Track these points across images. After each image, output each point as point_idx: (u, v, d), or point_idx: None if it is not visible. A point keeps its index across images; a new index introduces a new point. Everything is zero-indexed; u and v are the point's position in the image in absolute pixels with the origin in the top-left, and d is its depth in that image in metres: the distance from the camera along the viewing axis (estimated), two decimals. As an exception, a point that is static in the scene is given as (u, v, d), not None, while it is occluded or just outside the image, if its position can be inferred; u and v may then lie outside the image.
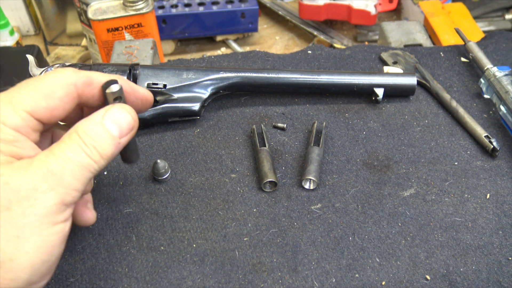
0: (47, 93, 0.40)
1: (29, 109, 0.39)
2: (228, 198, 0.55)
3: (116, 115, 0.42)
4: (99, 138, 0.40)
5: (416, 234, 0.52)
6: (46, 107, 0.40)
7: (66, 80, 0.41)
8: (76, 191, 0.39)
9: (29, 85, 0.40)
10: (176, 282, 0.47)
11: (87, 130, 0.40)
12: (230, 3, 1.09)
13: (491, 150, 0.60)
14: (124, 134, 0.42)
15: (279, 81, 0.65)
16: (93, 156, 0.40)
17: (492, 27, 1.06)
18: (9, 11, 1.13)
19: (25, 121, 0.39)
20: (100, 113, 0.41)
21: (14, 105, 0.39)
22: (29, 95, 0.40)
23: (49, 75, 0.41)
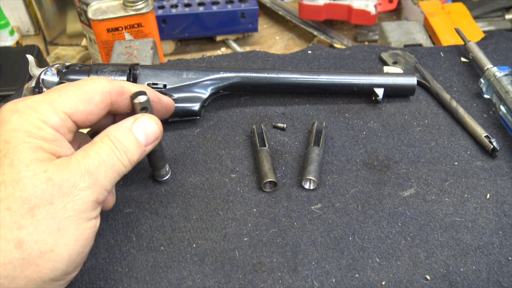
0: (85, 98, 0.44)
1: (68, 111, 0.42)
2: (228, 198, 0.55)
3: (144, 124, 0.46)
4: (128, 144, 0.44)
5: (416, 234, 0.52)
6: (83, 111, 0.43)
7: (102, 88, 0.45)
8: (106, 191, 0.42)
9: (69, 89, 0.44)
10: (176, 282, 0.47)
11: (118, 136, 0.44)
12: (230, 3, 1.09)
13: (491, 150, 0.60)
14: (150, 143, 0.46)
15: (279, 81, 0.65)
16: (123, 160, 0.43)
17: (492, 27, 1.06)
18: (9, 11, 1.13)
19: (64, 122, 0.42)
20: (129, 120, 0.45)
21: (55, 106, 0.42)
22: (69, 98, 0.43)
23: (87, 82, 0.45)
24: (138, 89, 0.48)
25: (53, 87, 0.59)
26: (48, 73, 0.60)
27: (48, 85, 0.59)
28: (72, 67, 0.60)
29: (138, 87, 0.48)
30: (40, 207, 0.38)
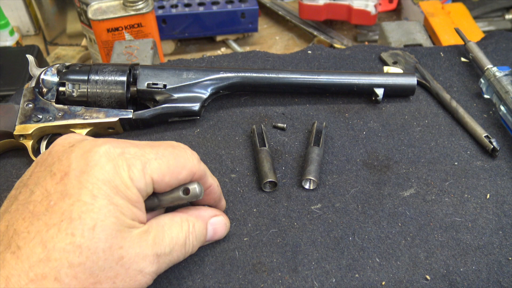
0: (175, 171, 0.42)
1: (156, 178, 0.40)
2: (228, 198, 0.55)
3: (219, 224, 0.48)
4: (199, 237, 0.45)
5: (416, 234, 0.52)
6: (167, 182, 0.41)
7: (191, 167, 0.43)
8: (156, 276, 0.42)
9: (165, 156, 0.41)
10: (176, 282, 0.47)
11: (196, 226, 0.44)
12: (230, 3, 1.09)
13: (491, 150, 0.60)
14: (211, 240, 0.48)
15: (279, 81, 0.65)
16: (187, 253, 0.44)
17: (492, 27, 1.06)
18: (9, 11, 1.13)
19: (147, 186, 0.40)
20: (209, 214, 0.47)
21: (145, 167, 0.40)
22: (161, 166, 0.41)
23: (182, 154, 0.43)
24: (214, 182, 0.47)
25: (53, 87, 0.59)
26: (48, 73, 0.60)
27: (48, 85, 0.59)
28: (72, 67, 0.60)
29: (215, 180, 0.48)
30: (102, 283, 0.37)
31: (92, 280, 0.36)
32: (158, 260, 0.40)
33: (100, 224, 0.36)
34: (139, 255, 0.38)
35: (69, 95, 0.59)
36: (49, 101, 0.59)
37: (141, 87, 0.61)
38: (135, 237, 0.39)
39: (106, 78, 0.59)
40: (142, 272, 0.39)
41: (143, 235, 0.39)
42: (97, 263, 0.36)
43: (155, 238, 0.40)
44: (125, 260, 0.37)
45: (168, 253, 0.41)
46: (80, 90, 0.59)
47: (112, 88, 0.59)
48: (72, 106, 0.59)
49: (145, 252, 0.39)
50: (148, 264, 0.39)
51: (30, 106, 0.59)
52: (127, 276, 0.38)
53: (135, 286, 0.39)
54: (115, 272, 0.37)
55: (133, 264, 0.38)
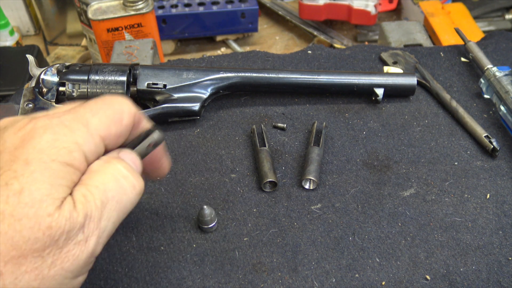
0: (117, 119, 0.38)
1: (103, 133, 0.37)
2: (228, 198, 0.55)
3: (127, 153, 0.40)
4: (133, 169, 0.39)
5: (416, 234, 0.52)
6: (115, 134, 0.38)
7: (129, 110, 0.40)
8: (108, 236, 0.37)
9: (100, 108, 0.38)
10: (176, 282, 0.47)
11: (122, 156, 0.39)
12: (230, 3, 1.09)
13: (491, 150, 0.60)
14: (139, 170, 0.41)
15: (279, 81, 0.65)
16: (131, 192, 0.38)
17: (492, 27, 1.06)
18: (9, 11, 1.13)
19: (97, 146, 0.37)
20: (115, 151, 0.40)
21: (90, 129, 0.37)
22: (101, 118, 0.37)
23: (116, 100, 0.39)
24: (151, 124, 0.43)
25: (53, 87, 0.59)
26: (48, 73, 0.60)
27: (48, 85, 0.59)
28: (72, 67, 0.60)
29: (151, 123, 0.43)
30: (27, 258, 0.32)
31: (15, 253, 0.32)
32: (92, 220, 0.35)
33: (28, 188, 0.33)
34: (68, 224, 0.34)
35: (69, 95, 0.59)
36: (49, 101, 0.59)
37: (141, 87, 0.61)
38: (67, 207, 0.34)
39: (106, 78, 0.59)
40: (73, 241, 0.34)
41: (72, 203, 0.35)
42: (20, 232, 0.32)
43: (82, 201, 0.35)
44: (53, 231, 0.33)
45: (100, 205, 0.35)
46: (80, 90, 0.59)
47: (112, 88, 0.59)
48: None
49: (75, 219, 0.34)
50: (78, 232, 0.34)
51: (30, 106, 0.59)
52: (56, 248, 0.33)
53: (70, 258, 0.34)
54: (41, 244, 0.32)
55: (62, 235, 0.33)
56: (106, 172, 0.37)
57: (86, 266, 0.36)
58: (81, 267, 0.35)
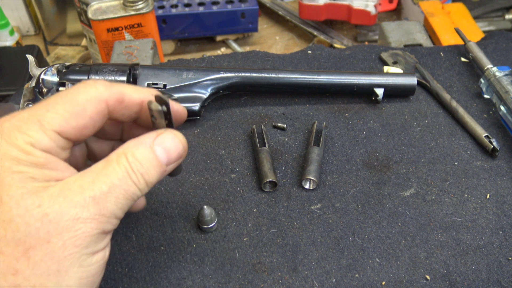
0: (77, 111, 0.38)
1: (58, 128, 0.37)
2: (228, 198, 0.55)
3: (168, 142, 0.40)
4: (147, 165, 0.38)
5: (416, 234, 0.52)
6: (75, 126, 0.38)
7: (97, 96, 0.39)
8: (117, 218, 0.38)
9: (57, 102, 0.38)
10: (176, 282, 0.47)
11: (137, 155, 0.38)
12: (230, 3, 1.09)
13: (491, 150, 0.60)
14: (171, 162, 0.41)
15: (279, 81, 0.65)
16: (139, 184, 0.38)
17: (492, 27, 1.06)
18: (9, 11, 1.13)
19: (54, 141, 0.37)
20: (151, 137, 0.39)
21: (42, 125, 0.37)
22: (58, 113, 0.37)
23: (79, 90, 0.39)
24: (144, 94, 0.42)
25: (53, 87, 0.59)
26: (48, 73, 0.60)
27: (48, 85, 0.59)
28: (72, 67, 0.60)
29: (142, 90, 0.42)
30: (36, 247, 0.34)
31: (21, 248, 0.33)
32: (96, 201, 0.36)
33: (5, 194, 0.34)
34: (65, 205, 0.35)
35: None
36: (49, 101, 0.59)
37: (141, 87, 0.61)
38: (54, 191, 0.35)
39: (106, 78, 0.59)
40: (79, 219, 0.35)
41: (64, 186, 0.36)
42: (18, 230, 0.33)
43: (83, 184, 0.36)
44: (51, 216, 0.34)
45: (107, 190, 0.36)
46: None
47: (112, 88, 0.59)
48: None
49: (72, 199, 0.35)
50: (81, 209, 0.35)
51: (30, 106, 0.59)
52: (62, 229, 0.34)
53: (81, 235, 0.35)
54: (45, 231, 0.34)
55: (62, 216, 0.34)
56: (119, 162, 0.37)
57: (101, 242, 0.37)
58: (95, 243, 0.36)
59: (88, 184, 0.36)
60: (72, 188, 0.36)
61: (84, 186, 0.36)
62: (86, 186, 0.36)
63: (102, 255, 0.37)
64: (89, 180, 0.36)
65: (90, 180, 0.36)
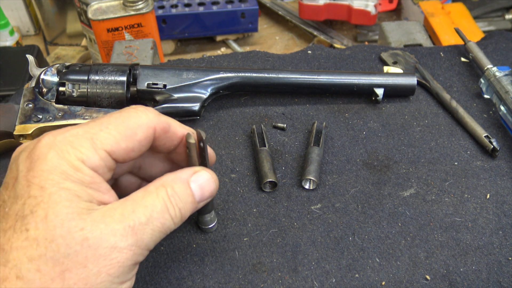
0: (128, 134, 0.40)
1: (109, 148, 0.38)
2: (228, 198, 0.55)
3: (202, 179, 0.42)
4: (185, 199, 0.40)
5: (416, 234, 0.52)
6: (125, 148, 0.39)
7: (147, 123, 0.41)
8: (148, 251, 0.38)
9: (111, 123, 0.39)
10: (176, 282, 0.47)
11: (176, 189, 0.39)
12: (230, 3, 1.09)
13: (491, 150, 0.60)
14: (203, 200, 0.42)
15: (279, 81, 0.65)
16: (175, 218, 0.39)
17: (492, 27, 1.06)
18: (9, 11, 1.13)
19: (104, 160, 0.38)
20: (188, 172, 0.41)
21: (95, 143, 0.38)
22: (110, 134, 0.39)
23: (131, 115, 0.41)
24: (187, 130, 0.44)
25: (53, 87, 0.59)
26: (48, 73, 0.60)
27: (48, 85, 0.59)
28: (72, 67, 0.60)
29: (186, 127, 0.45)
30: (72, 270, 0.34)
31: (58, 268, 0.34)
32: (134, 232, 0.36)
33: (51, 212, 0.35)
34: (105, 232, 0.35)
35: (69, 95, 0.59)
36: (49, 101, 0.59)
37: (141, 87, 0.61)
38: (97, 216, 0.36)
39: (106, 78, 0.59)
40: (116, 248, 0.35)
41: (106, 212, 0.37)
42: (58, 250, 0.34)
43: (124, 212, 0.37)
44: (91, 241, 0.35)
45: (145, 222, 0.37)
46: (80, 90, 0.59)
47: (112, 88, 0.59)
48: (72, 106, 0.59)
49: (113, 227, 0.36)
50: (120, 238, 0.36)
51: (30, 106, 0.59)
52: (99, 256, 0.35)
53: (115, 264, 0.36)
54: (83, 255, 0.35)
55: (101, 242, 0.35)
56: (158, 195, 0.39)
57: (131, 272, 0.37)
58: (126, 273, 0.37)
59: (129, 213, 0.37)
60: (113, 216, 0.36)
61: (124, 215, 0.37)
62: (126, 215, 0.37)
63: (129, 284, 0.38)
64: (130, 209, 0.37)
65: (130, 209, 0.37)
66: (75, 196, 0.36)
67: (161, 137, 0.43)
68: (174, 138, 0.44)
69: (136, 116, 0.41)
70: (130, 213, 0.37)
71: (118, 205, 0.37)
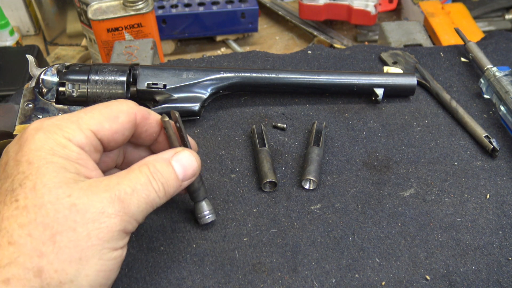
0: (111, 116, 0.43)
1: (94, 128, 0.41)
2: (228, 198, 0.55)
3: (185, 159, 0.44)
4: (167, 176, 0.42)
5: (416, 234, 0.52)
6: (109, 129, 0.42)
7: (128, 109, 0.44)
8: (136, 221, 0.40)
9: (94, 108, 0.43)
10: (176, 282, 0.47)
11: (157, 166, 0.42)
12: (230, 3, 1.09)
13: (491, 150, 0.60)
14: (187, 178, 0.45)
15: (279, 81, 0.65)
16: (159, 192, 0.42)
17: (492, 27, 1.06)
18: (9, 11, 1.13)
19: (89, 139, 0.41)
20: (169, 153, 0.44)
21: (79, 124, 0.41)
22: (94, 116, 0.42)
23: (113, 102, 0.44)
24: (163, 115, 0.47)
25: (53, 87, 0.59)
26: (48, 73, 0.60)
27: (48, 85, 0.59)
28: (72, 67, 0.60)
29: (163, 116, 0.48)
30: (62, 234, 0.36)
31: (49, 232, 0.36)
32: (120, 200, 0.38)
33: (39, 182, 0.37)
34: (92, 199, 0.37)
35: (69, 95, 0.59)
36: (49, 101, 0.59)
37: (141, 87, 0.61)
38: (83, 185, 0.38)
39: (106, 78, 0.59)
40: (104, 213, 0.37)
41: (93, 183, 0.39)
42: (48, 215, 0.36)
43: (109, 183, 0.39)
44: (78, 207, 0.37)
45: (130, 192, 0.39)
46: (80, 90, 0.59)
47: (112, 88, 0.59)
48: (72, 106, 0.59)
49: (99, 195, 0.38)
50: (107, 204, 0.38)
51: (30, 106, 0.59)
52: (88, 220, 0.37)
53: (104, 229, 0.37)
54: (72, 219, 0.36)
55: (89, 208, 0.37)
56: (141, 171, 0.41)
57: (121, 240, 0.39)
58: (116, 239, 0.38)
59: (114, 184, 0.39)
60: (99, 186, 0.38)
61: (110, 186, 0.39)
62: (112, 186, 0.39)
63: (120, 253, 0.39)
64: (115, 182, 0.39)
65: (115, 182, 0.39)
66: (62, 168, 0.38)
67: (142, 123, 0.46)
68: (154, 124, 0.47)
69: (117, 104, 0.44)
70: (115, 184, 0.39)
71: (104, 179, 0.40)
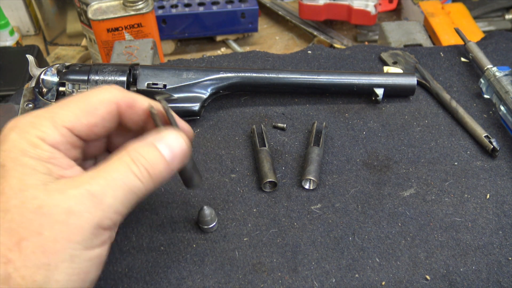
0: (88, 109, 0.40)
1: (69, 125, 0.39)
2: (228, 198, 0.55)
3: (170, 139, 0.40)
4: (150, 158, 0.39)
5: (416, 234, 0.52)
6: (86, 124, 0.40)
7: (109, 98, 0.42)
8: (118, 213, 0.37)
9: (71, 101, 0.41)
10: (176, 282, 0.47)
11: (138, 149, 0.39)
12: (230, 3, 1.09)
13: (491, 150, 0.60)
14: (176, 158, 0.41)
15: (279, 81, 0.65)
16: (142, 177, 0.38)
17: (492, 27, 1.06)
18: (9, 11, 1.13)
19: (65, 137, 0.39)
20: (152, 135, 0.40)
21: (54, 121, 0.39)
22: (70, 111, 0.40)
23: (93, 92, 0.41)
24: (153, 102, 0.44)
25: (53, 87, 0.59)
26: (48, 73, 0.60)
27: (48, 85, 0.59)
28: (72, 67, 0.60)
29: (151, 101, 0.44)
30: (28, 239, 0.34)
31: (15, 238, 0.34)
32: (92, 195, 0.36)
33: (7, 185, 0.35)
34: (59, 198, 0.35)
35: (69, 95, 0.59)
36: (49, 101, 0.59)
37: (141, 87, 0.61)
38: (53, 186, 0.36)
39: (106, 78, 0.59)
40: (72, 212, 0.35)
41: (64, 183, 0.37)
42: (13, 220, 0.34)
43: (82, 180, 0.37)
44: (44, 209, 0.35)
45: (105, 184, 0.36)
46: (80, 90, 0.59)
47: (112, 88, 0.59)
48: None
49: (68, 193, 0.36)
50: (75, 202, 0.35)
51: (30, 106, 0.59)
52: (55, 222, 0.35)
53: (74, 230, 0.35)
54: (37, 223, 0.34)
55: (55, 209, 0.35)
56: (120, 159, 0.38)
57: (97, 238, 0.37)
58: (90, 238, 0.36)
59: (87, 179, 0.37)
60: (70, 184, 0.36)
61: (82, 182, 0.37)
62: (84, 181, 0.37)
63: (98, 252, 0.37)
64: (89, 177, 0.37)
65: (89, 177, 0.37)
66: (32, 169, 0.36)
67: (127, 112, 0.43)
68: (140, 112, 0.44)
69: (97, 93, 0.41)
70: (89, 179, 0.37)
71: (78, 176, 0.37)
